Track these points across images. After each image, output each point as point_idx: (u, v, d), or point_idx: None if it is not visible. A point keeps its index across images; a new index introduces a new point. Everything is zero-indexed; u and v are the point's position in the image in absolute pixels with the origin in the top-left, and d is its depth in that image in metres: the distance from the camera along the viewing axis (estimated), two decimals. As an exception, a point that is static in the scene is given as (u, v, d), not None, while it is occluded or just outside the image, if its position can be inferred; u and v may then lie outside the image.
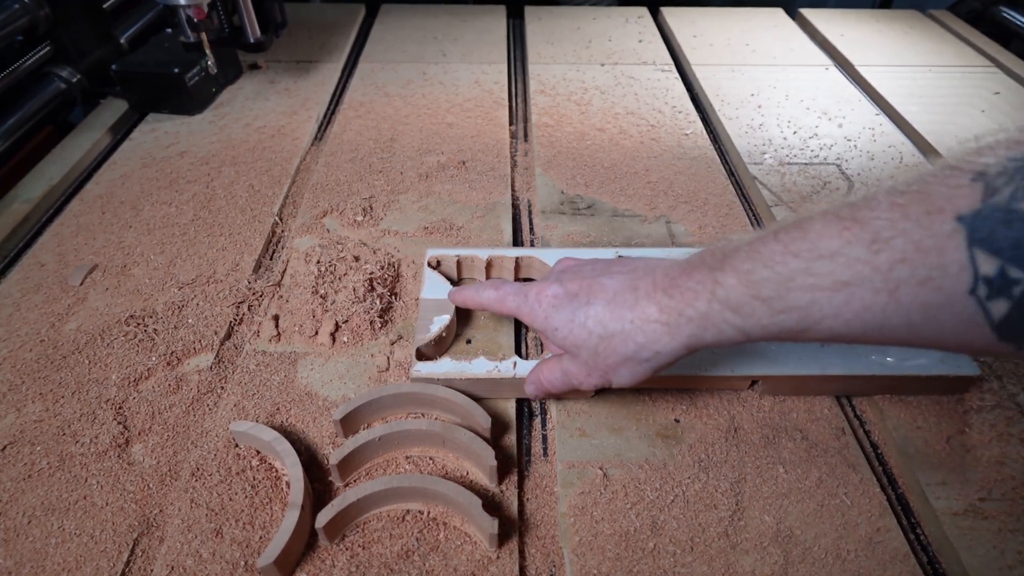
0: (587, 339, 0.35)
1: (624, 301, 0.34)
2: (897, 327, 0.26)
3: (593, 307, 0.35)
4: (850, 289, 0.26)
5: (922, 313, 0.25)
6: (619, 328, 0.33)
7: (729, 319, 0.30)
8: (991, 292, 0.23)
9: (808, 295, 0.27)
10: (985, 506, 0.37)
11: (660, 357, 0.33)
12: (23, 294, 0.51)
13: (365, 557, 0.35)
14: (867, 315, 0.26)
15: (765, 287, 0.28)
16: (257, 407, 0.42)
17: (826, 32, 0.96)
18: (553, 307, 0.36)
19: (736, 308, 0.29)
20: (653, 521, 0.37)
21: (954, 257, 0.23)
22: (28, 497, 0.38)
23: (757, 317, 0.29)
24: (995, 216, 0.22)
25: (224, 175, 0.65)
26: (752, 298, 0.28)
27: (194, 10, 0.67)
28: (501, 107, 0.77)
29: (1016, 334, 0.23)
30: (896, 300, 0.25)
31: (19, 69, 0.71)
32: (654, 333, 0.32)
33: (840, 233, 0.26)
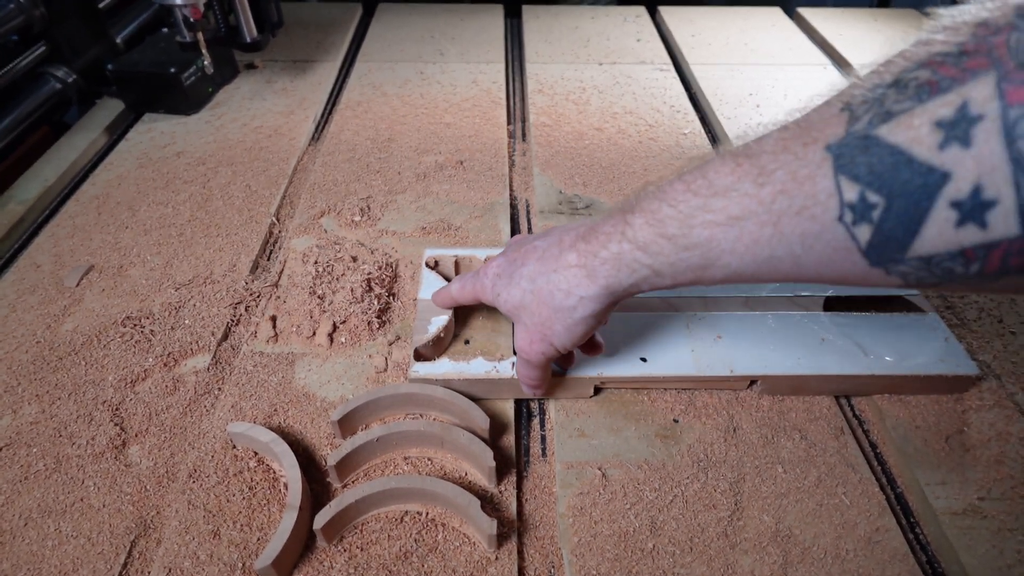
0: (522, 297, 0.36)
1: (551, 255, 0.35)
2: (783, 259, 0.27)
3: (526, 267, 0.36)
4: (741, 223, 0.27)
5: (801, 243, 0.26)
6: (545, 280, 0.35)
7: (639, 258, 0.31)
8: (855, 217, 0.23)
9: (707, 231, 0.28)
10: (984, 505, 0.37)
11: (585, 304, 0.34)
12: (19, 295, 0.51)
13: (363, 558, 0.35)
14: (756, 248, 0.27)
15: (670, 225, 0.29)
16: (255, 408, 0.42)
17: (824, 31, 0.96)
18: (496, 276, 0.38)
19: (644, 247, 0.30)
20: (652, 521, 0.37)
21: (823, 185, 0.24)
22: (24, 499, 0.37)
23: (664, 255, 0.30)
24: (855, 143, 0.23)
25: (221, 175, 0.65)
26: (658, 236, 0.30)
27: (190, 10, 0.66)
28: (499, 107, 0.77)
29: (883, 259, 0.24)
30: (780, 231, 0.26)
31: (14, 69, 0.70)
32: (574, 278, 0.33)
33: (733, 170, 0.27)
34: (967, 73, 0.20)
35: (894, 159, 0.22)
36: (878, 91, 0.23)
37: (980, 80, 0.20)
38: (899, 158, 0.22)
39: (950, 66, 0.21)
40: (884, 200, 0.22)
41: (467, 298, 0.42)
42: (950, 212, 0.21)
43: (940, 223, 0.21)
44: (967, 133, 0.20)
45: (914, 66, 0.22)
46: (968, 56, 0.20)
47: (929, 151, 0.21)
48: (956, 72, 0.21)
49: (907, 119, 0.22)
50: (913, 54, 0.23)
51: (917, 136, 0.21)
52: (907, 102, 0.22)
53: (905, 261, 0.23)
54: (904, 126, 0.22)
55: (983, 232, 0.21)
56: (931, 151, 0.21)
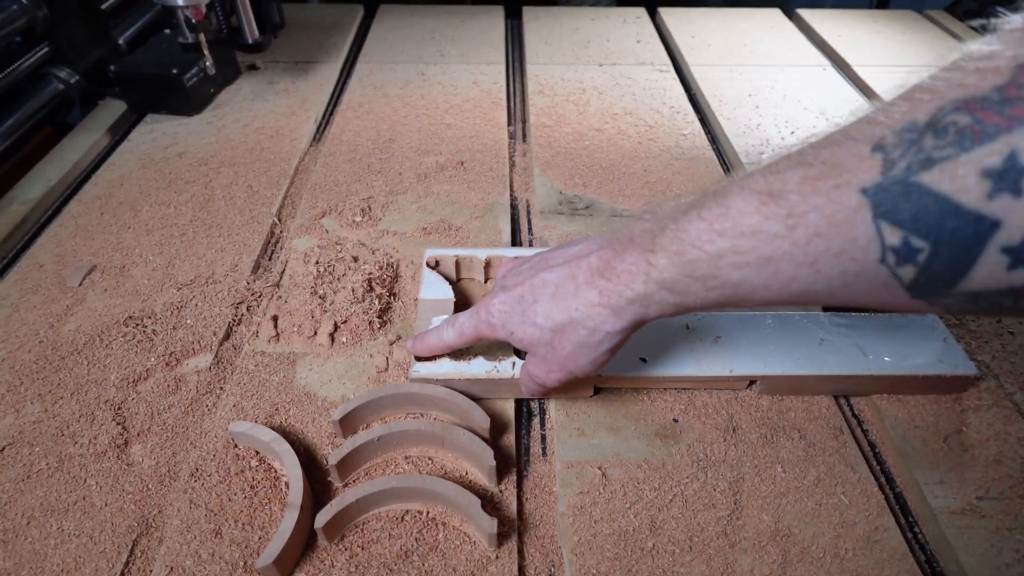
0: (540, 335, 0.36)
1: (566, 292, 0.35)
2: (821, 292, 0.27)
3: (539, 304, 0.36)
4: (774, 264, 0.27)
5: (841, 280, 0.26)
6: (566, 318, 0.34)
7: (667, 297, 0.31)
8: (899, 260, 0.24)
9: (738, 272, 0.28)
10: (983, 505, 0.37)
11: (611, 338, 0.34)
12: (21, 295, 0.51)
13: (364, 557, 0.35)
14: (793, 285, 0.27)
15: (697, 267, 0.29)
16: (256, 408, 0.42)
17: (823, 32, 0.96)
18: (505, 314, 0.37)
19: (672, 287, 0.30)
20: (652, 520, 0.37)
21: (863, 230, 0.24)
22: (27, 498, 0.38)
23: (694, 293, 0.30)
24: (895, 189, 0.23)
25: (223, 176, 0.65)
26: (686, 277, 0.30)
27: (192, 11, 0.67)
28: (499, 107, 0.77)
29: (926, 293, 0.24)
30: (817, 271, 0.26)
31: (17, 70, 0.71)
32: (599, 316, 0.33)
33: (758, 209, 0.27)
34: (1013, 121, 0.20)
35: (939, 207, 0.22)
36: (912, 134, 0.23)
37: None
38: (945, 206, 0.22)
39: (993, 112, 0.21)
40: (930, 245, 0.23)
41: (467, 341, 0.40)
42: (1001, 257, 0.21)
43: (990, 266, 0.22)
44: (1017, 183, 0.20)
45: (951, 108, 0.22)
46: (1011, 103, 0.21)
47: (977, 200, 0.21)
48: (1000, 120, 0.21)
49: (951, 167, 0.22)
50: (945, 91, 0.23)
51: (964, 185, 0.21)
52: (949, 148, 0.22)
53: (951, 295, 0.23)
54: (948, 174, 0.22)
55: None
56: (979, 200, 0.21)
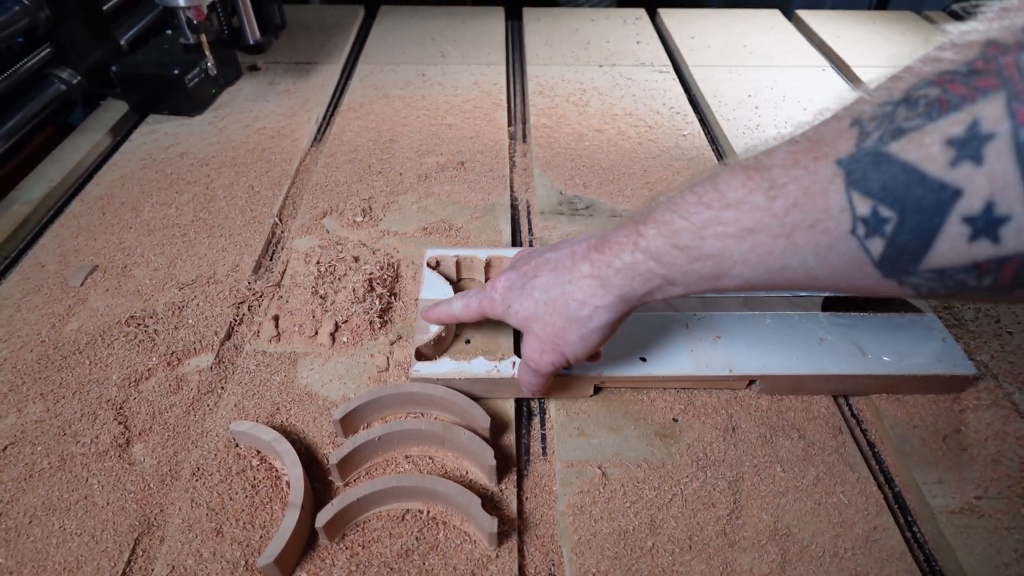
0: (535, 308, 0.36)
1: (564, 266, 0.35)
2: (797, 269, 0.27)
3: (538, 278, 0.36)
4: (754, 235, 0.27)
5: (815, 255, 0.26)
6: (559, 291, 0.35)
7: (652, 268, 0.31)
8: (868, 231, 0.24)
9: (719, 242, 0.28)
10: (981, 504, 0.37)
11: (600, 314, 0.34)
12: (24, 295, 0.51)
13: (365, 556, 0.35)
14: (770, 259, 0.27)
15: (682, 236, 0.29)
16: (257, 407, 0.43)
17: (823, 33, 0.96)
18: (507, 289, 0.38)
19: (657, 257, 0.31)
20: (652, 520, 0.37)
21: (835, 200, 0.24)
22: (29, 497, 0.38)
23: (677, 265, 0.30)
24: (867, 159, 0.23)
25: (224, 176, 0.65)
26: (671, 247, 0.30)
27: (194, 12, 0.67)
28: (500, 108, 0.78)
29: (895, 271, 0.24)
30: (792, 244, 0.26)
31: (19, 71, 0.71)
32: (589, 288, 0.34)
33: (744, 183, 0.27)
34: (977, 92, 0.21)
35: (906, 176, 0.22)
36: (887, 107, 0.23)
37: (990, 99, 0.20)
38: (911, 175, 0.22)
39: (960, 84, 0.21)
40: (897, 215, 0.23)
41: (472, 315, 0.41)
42: (963, 227, 0.22)
43: (953, 238, 0.22)
44: (978, 151, 0.20)
45: (923, 83, 0.23)
46: (978, 75, 0.21)
47: (941, 168, 0.21)
48: (966, 91, 0.21)
49: (918, 136, 0.22)
50: (921, 70, 0.23)
51: (929, 154, 0.22)
52: (917, 119, 0.22)
53: (918, 273, 0.24)
54: (915, 143, 0.22)
55: (996, 246, 0.21)
56: (943, 168, 0.21)
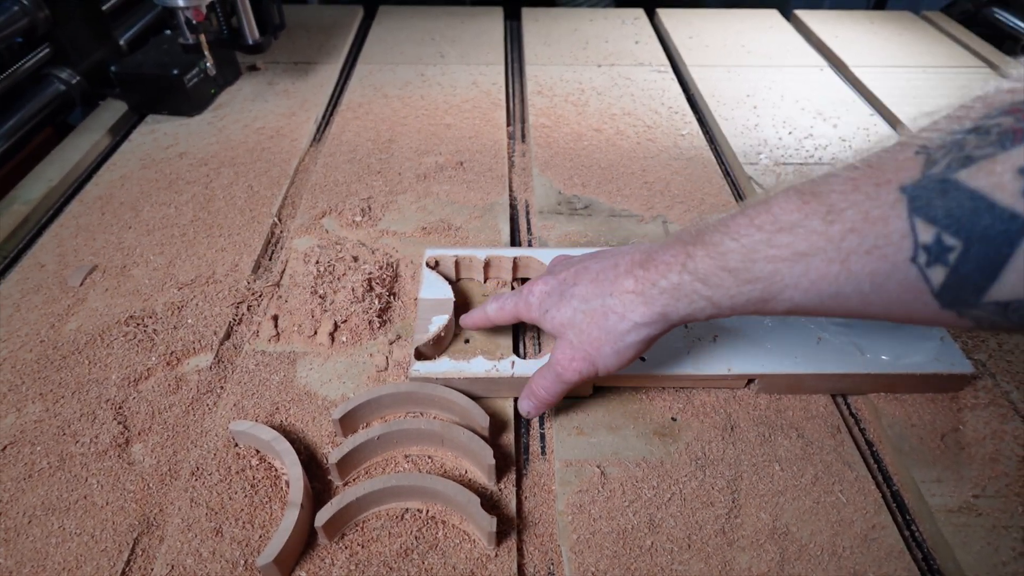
0: (572, 316, 0.36)
1: (606, 278, 0.35)
2: (850, 296, 0.27)
3: (578, 287, 0.36)
4: (807, 259, 0.27)
5: (871, 282, 0.26)
6: (600, 302, 0.35)
7: (699, 289, 0.31)
8: (929, 259, 0.24)
9: (770, 266, 0.28)
10: (979, 503, 0.38)
11: (638, 330, 0.34)
12: (23, 295, 0.51)
13: (364, 555, 0.35)
14: (822, 284, 0.27)
15: (732, 258, 0.29)
16: (256, 407, 0.43)
17: (821, 33, 0.96)
18: (545, 294, 0.38)
19: (704, 279, 0.31)
20: (650, 519, 0.37)
21: (897, 226, 0.24)
22: (28, 497, 0.38)
23: (725, 288, 0.30)
24: (932, 186, 0.23)
25: (223, 176, 0.65)
26: (720, 269, 0.30)
27: (193, 12, 0.67)
28: (498, 108, 0.78)
29: (955, 301, 0.24)
30: (847, 269, 0.26)
31: (18, 71, 0.71)
32: (631, 303, 0.34)
33: (800, 207, 0.27)
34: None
35: (974, 204, 0.22)
36: (957, 136, 0.23)
37: None
38: (979, 203, 0.22)
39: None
40: (962, 244, 0.22)
41: (506, 318, 0.41)
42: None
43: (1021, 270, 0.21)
44: None
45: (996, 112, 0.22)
46: None
47: (1012, 197, 0.21)
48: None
49: (989, 165, 0.22)
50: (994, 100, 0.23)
51: (1000, 182, 0.21)
52: (989, 148, 0.22)
53: (980, 305, 0.23)
54: (986, 171, 0.22)
55: None
56: (1014, 197, 0.21)
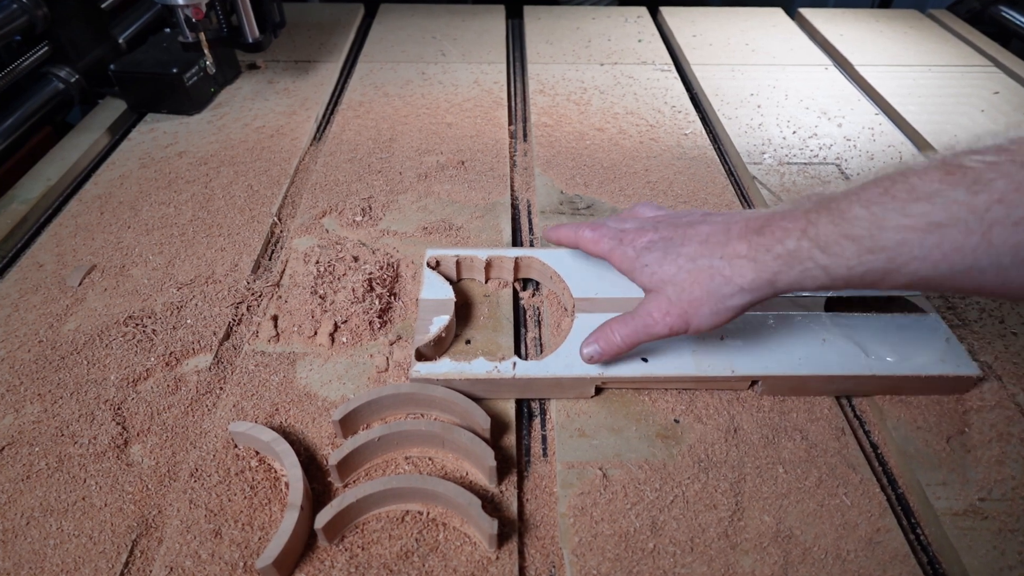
0: (676, 273, 0.36)
1: (717, 241, 0.35)
2: (986, 269, 0.26)
3: (686, 247, 0.36)
4: (943, 230, 0.26)
5: (1012, 255, 0.25)
6: (707, 262, 0.35)
7: (816, 257, 0.30)
8: None
9: (899, 235, 0.27)
10: (985, 506, 0.37)
11: (742, 295, 0.34)
12: (21, 295, 0.51)
13: (364, 558, 0.35)
14: (956, 256, 0.26)
15: (857, 225, 0.28)
16: (256, 408, 0.42)
17: (825, 32, 0.96)
18: (646, 248, 0.38)
19: (824, 246, 0.30)
20: (653, 521, 0.37)
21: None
22: (26, 498, 0.37)
23: (845, 257, 0.29)
24: None
25: (223, 175, 0.65)
26: (842, 236, 0.29)
27: (192, 10, 0.67)
28: (500, 107, 0.77)
29: None
30: (988, 241, 0.25)
31: (17, 69, 0.71)
32: (740, 267, 0.33)
33: (942, 178, 0.26)
34: None
35: None
36: None
37: None
38: None
39: None
40: None
41: (596, 251, 0.42)
42: None
43: None
44: None
45: None
46: None
47: None
48: None
49: None
50: None
51: None
52: None
53: None
54: None
55: None
56: None
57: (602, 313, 0.46)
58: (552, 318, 0.49)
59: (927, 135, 0.70)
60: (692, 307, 0.35)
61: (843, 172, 0.66)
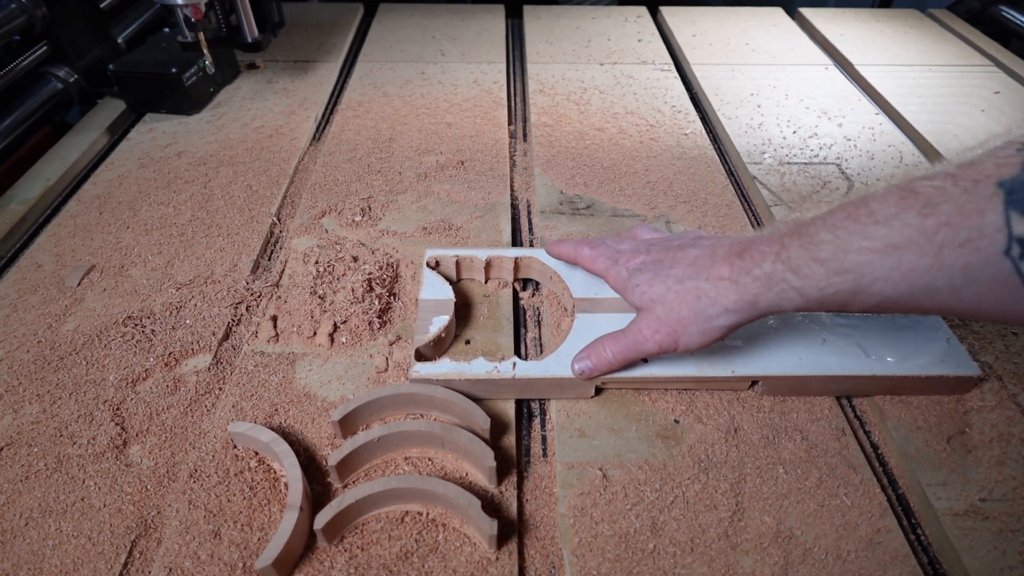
0: (664, 293, 0.37)
1: (703, 264, 0.37)
2: (942, 290, 0.27)
3: (675, 268, 0.38)
4: (900, 252, 0.27)
5: (963, 275, 0.26)
6: (693, 284, 0.36)
7: (789, 279, 0.32)
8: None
9: (862, 258, 0.29)
10: (986, 506, 0.37)
11: (727, 315, 0.35)
12: (20, 295, 0.51)
13: (364, 558, 0.35)
14: (913, 277, 0.27)
15: (824, 249, 0.30)
16: (255, 408, 0.42)
17: (826, 31, 0.95)
18: (638, 269, 0.40)
19: (796, 269, 0.31)
20: (653, 522, 0.37)
21: (991, 219, 0.24)
22: (25, 499, 0.37)
23: (815, 279, 0.31)
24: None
25: (222, 175, 0.65)
26: (811, 260, 0.31)
27: (192, 10, 0.66)
28: (500, 107, 0.77)
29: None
30: (939, 262, 0.26)
31: (16, 69, 0.71)
32: (723, 289, 0.35)
33: (897, 202, 0.28)
34: None
35: None
36: None
37: None
38: None
39: None
40: None
41: (592, 269, 0.44)
42: None
43: None
44: None
45: None
46: None
47: None
48: None
49: None
50: None
51: None
52: None
53: None
54: None
55: None
56: None
57: (602, 313, 0.46)
58: (552, 318, 0.49)
59: (927, 135, 0.70)
60: (680, 326, 0.37)
61: (843, 172, 0.66)
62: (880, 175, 0.65)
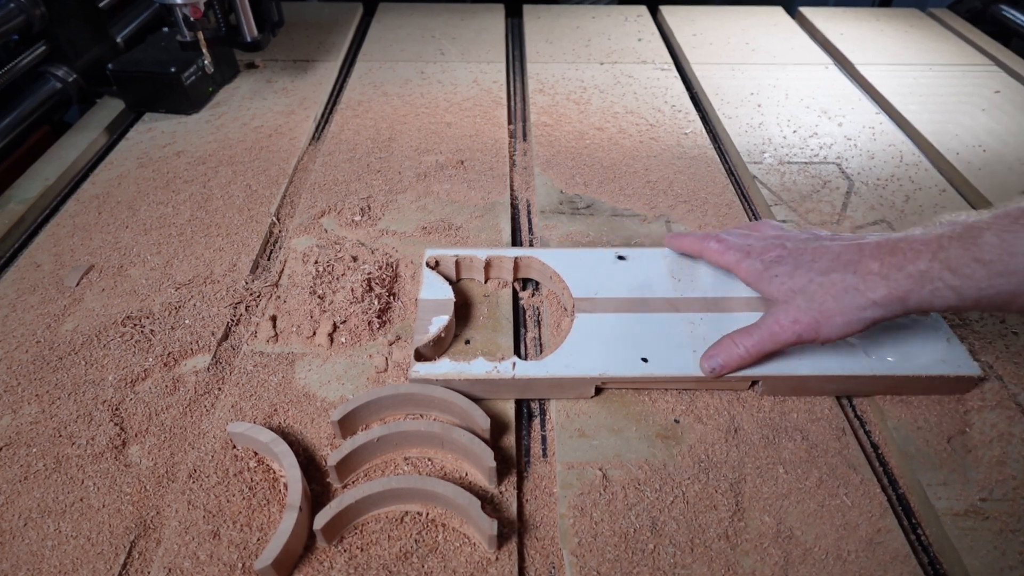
0: (806, 285, 0.38)
1: (849, 258, 0.37)
2: None
3: (818, 262, 0.38)
4: None
5: None
6: (839, 276, 0.37)
7: (946, 279, 0.32)
8: None
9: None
10: (986, 506, 0.37)
11: (874, 308, 0.36)
12: (19, 295, 0.51)
13: (363, 559, 0.35)
14: None
15: (988, 250, 0.31)
16: (255, 408, 0.42)
17: (826, 31, 0.95)
18: (775, 262, 0.40)
19: (955, 269, 0.32)
20: (653, 522, 0.37)
21: None
22: (24, 499, 0.37)
23: (975, 279, 0.31)
24: None
25: (221, 175, 0.65)
26: (973, 260, 0.31)
27: (191, 9, 0.66)
28: (500, 106, 0.77)
29: None
30: None
31: (15, 68, 0.70)
32: (872, 283, 0.35)
33: None
34: None
35: None
36: None
37: None
38: None
39: None
40: None
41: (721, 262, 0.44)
42: None
43: None
44: None
45: None
46: None
47: None
48: None
49: None
50: None
51: None
52: None
53: None
54: None
55: None
56: None
57: (602, 313, 0.46)
58: (552, 318, 0.49)
59: (928, 134, 0.70)
60: (824, 316, 0.37)
61: (843, 171, 0.65)
62: (880, 175, 0.65)
